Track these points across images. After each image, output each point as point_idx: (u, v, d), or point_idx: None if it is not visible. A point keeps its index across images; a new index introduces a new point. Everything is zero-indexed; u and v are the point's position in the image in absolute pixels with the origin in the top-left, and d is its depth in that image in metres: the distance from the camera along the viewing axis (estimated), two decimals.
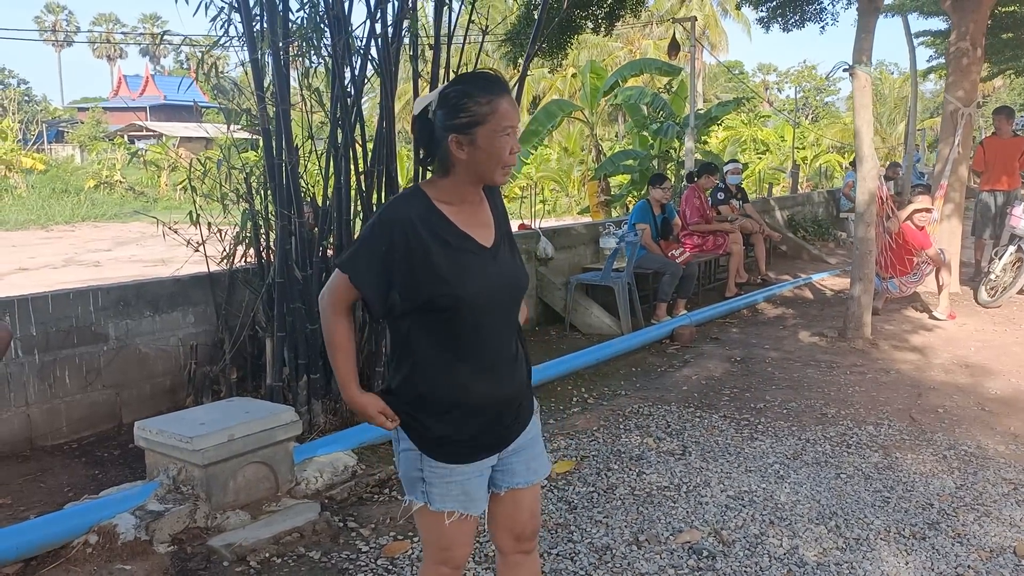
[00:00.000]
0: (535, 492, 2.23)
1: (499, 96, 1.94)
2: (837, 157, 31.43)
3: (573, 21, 9.05)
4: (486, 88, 1.94)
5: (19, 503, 3.67)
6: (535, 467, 2.19)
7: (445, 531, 2.08)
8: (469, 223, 2.03)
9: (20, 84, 61.92)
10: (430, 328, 1.99)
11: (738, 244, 9.02)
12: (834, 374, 5.82)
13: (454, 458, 2.04)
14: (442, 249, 1.96)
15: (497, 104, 1.93)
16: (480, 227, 2.05)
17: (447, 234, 1.98)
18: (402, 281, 1.95)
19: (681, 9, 35.60)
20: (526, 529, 2.23)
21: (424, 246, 1.95)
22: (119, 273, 11.67)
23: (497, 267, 2.04)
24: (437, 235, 1.97)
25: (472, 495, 2.08)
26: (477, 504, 2.10)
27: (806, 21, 11.01)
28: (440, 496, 2.05)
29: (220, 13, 4.40)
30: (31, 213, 23.74)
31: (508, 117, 1.95)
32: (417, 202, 2.00)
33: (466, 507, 2.07)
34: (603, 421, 4.81)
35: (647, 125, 14.23)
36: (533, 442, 2.20)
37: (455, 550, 2.13)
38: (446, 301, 1.95)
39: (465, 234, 2.01)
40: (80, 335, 4.46)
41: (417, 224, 1.96)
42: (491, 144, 1.93)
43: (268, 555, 3.18)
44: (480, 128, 1.92)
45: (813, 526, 3.44)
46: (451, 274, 1.96)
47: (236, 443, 3.45)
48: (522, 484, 2.17)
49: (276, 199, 4.49)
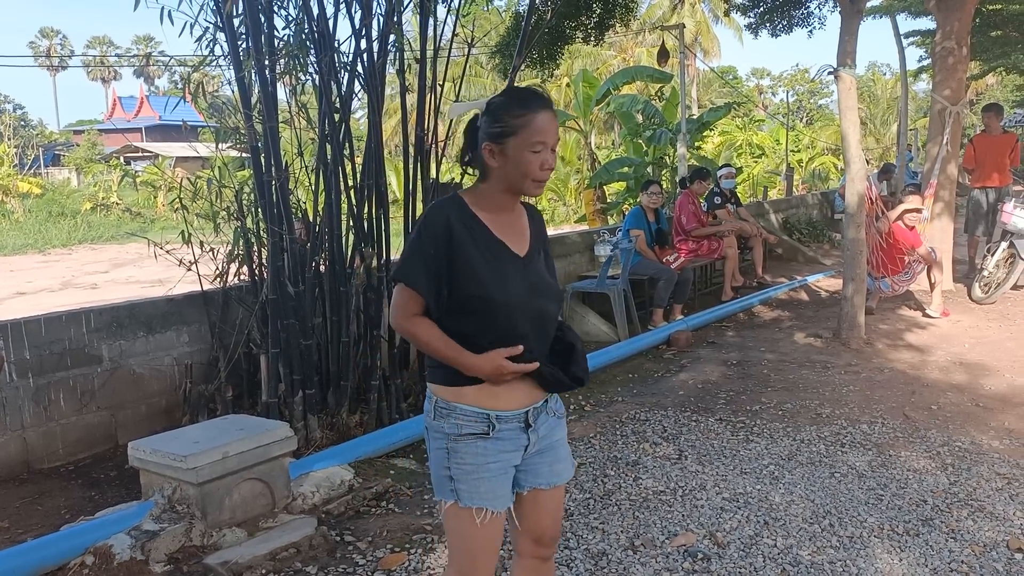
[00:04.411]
0: (558, 496, 2.27)
1: (534, 111, 2.01)
2: (832, 159, 31.53)
3: (563, 31, 9.11)
4: (522, 102, 2.03)
5: (16, 526, 3.68)
6: (558, 469, 2.23)
7: (473, 534, 2.10)
8: (504, 231, 2.10)
9: (16, 109, 62.15)
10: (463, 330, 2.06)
11: (733, 248, 9.05)
12: (829, 374, 5.83)
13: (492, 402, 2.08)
14: (478, 252, 2.05)
15: (531, 119, 2.00)
16: (515, 236, 2.13)
17: (483, 238, 2.07)
18: (448, 278, 2.04)
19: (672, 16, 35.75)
20: (547, 533, 2.27)
21: (463, 247, 2.04)
22: (117, 295, 11.70)
23: (529, 277, 2.10)
24: (474, 239, 2.06)
25: (496, 491, 2.11)
26: (502, 500, 2.12)
27: (794, 26, 11.08)
28: (469, 493, 2.09)
29: (205, 33, 4.44)
30: (28, 237, 23.80)
31: (540, 133, 2.01)
32: (455, 207, 2.09)
33: (492, 503, 2.10)
34: (600, 428, 4.82)
35: (641, 132, 14.28)
36: (558, 444, 2.24)
37: (480, 559, 2.13)
38: (477, 304, 2.03)
39: (500, 241, 2.09)
40: (74, 357, 4.48)
41: (456, 226, 2.05)
42: (520, 156, 2.01)
43: (265, 571, 3.19)
44: (512, 139, 2.00)
45: (807, 525, 3.45)
46: (486, 277, 2.04)
47: (231, 460, 3.46)
48: (544, 485, 2.21)
49: (267, 216, 4.51)
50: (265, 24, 4.38)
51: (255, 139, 4.44)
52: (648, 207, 8.00)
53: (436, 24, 4.99)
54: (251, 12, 4.26)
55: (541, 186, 2.07)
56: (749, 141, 30.91)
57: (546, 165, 2.04)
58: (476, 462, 2.09)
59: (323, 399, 4.68)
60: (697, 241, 8.91)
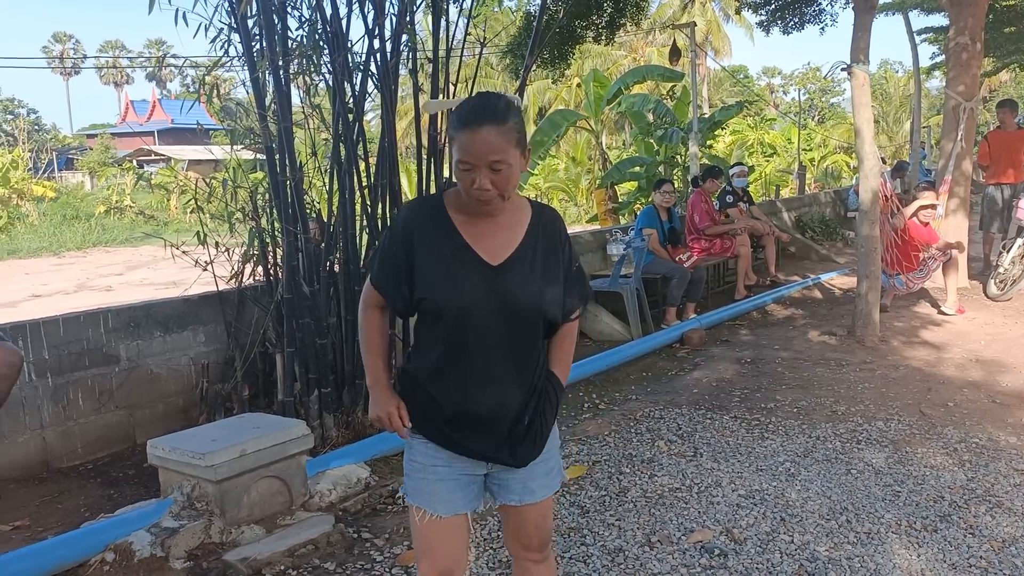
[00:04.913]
0: (539, 509, 2.17)
1: (462, 129, 1.87)
2: (844, 157, 31.41)
3: (574, 31, 9.12)
4: (458, 116, 1.90)
5: (37, 524, 3.71)
6: (532, 487, 2.13)
7: (419, 530, 2.11)
8: (478, 237, 2.00)
9: (30, 113, 62.67)
10: (424, 328, 2.07)
11: (746, 247, 9.03)
12: (844, 372, 5.81)
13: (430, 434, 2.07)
14: (436, 255, 1.99)
15: (459, 136, 1.88)
16: (491, 243, 2.01)
17: (446, 243, 1.99)
18: (407, 278, 2.01)
19: (683, 15, 35.69)
20: (532, 541, 2.22)
21: (421, 248, 1.99)
22: (131, 297, 11.77)
23: (499, 286, 1.98)
24: (435, 242, 1.99)
25: (439, 495, 2.07)
26: (443, 506, 2.07)
27: (806, 23, 11.06)
28: (412, 491, 2.11)
29: (219, 34, 4.47)
30: (43, 240, 23.95)
31: (464, 152, 1.87)
32: (428, 207, 2.05)
33: (432, 506, 2.07)
34: (614, 426, 4.83)
35: (652, 132, 14.26)
36: (534, 465, 2.12)
37: (434, 553, 2.10)
38: (428, 307, 2.00)
39: (466, 246, 1.99)
40: (92, 357, 4.52)
41: (417, 229, 2.01)
42: (456, 170, 1.92)
43: (283, 568, 3.21)
44: (452, 151, 1.93)
45: (824, 522, 3.45)
46: (436, 282, 1.98)
47: (248, 458, 3.48)
48: (515, 502, 2.13)
49: (281, 216, 4.54)
50: (279, 25, 4.41)
51: (270, 140, 4.47)
52: (661, 206, 7.99)
53: (448, 24, 5.01)
54: (265, 13, 4.29)
55: (484, 205, 1.93)
56: (760, 140, 30.84)
57: (475, 186, 1.88)
58: (424, 462, 2.08)
59: (338, 398, 4.70)
60: (710, 240, 8.90)
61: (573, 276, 2.12)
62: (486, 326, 1.98)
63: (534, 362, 2.07)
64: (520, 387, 2.04)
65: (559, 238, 2.10)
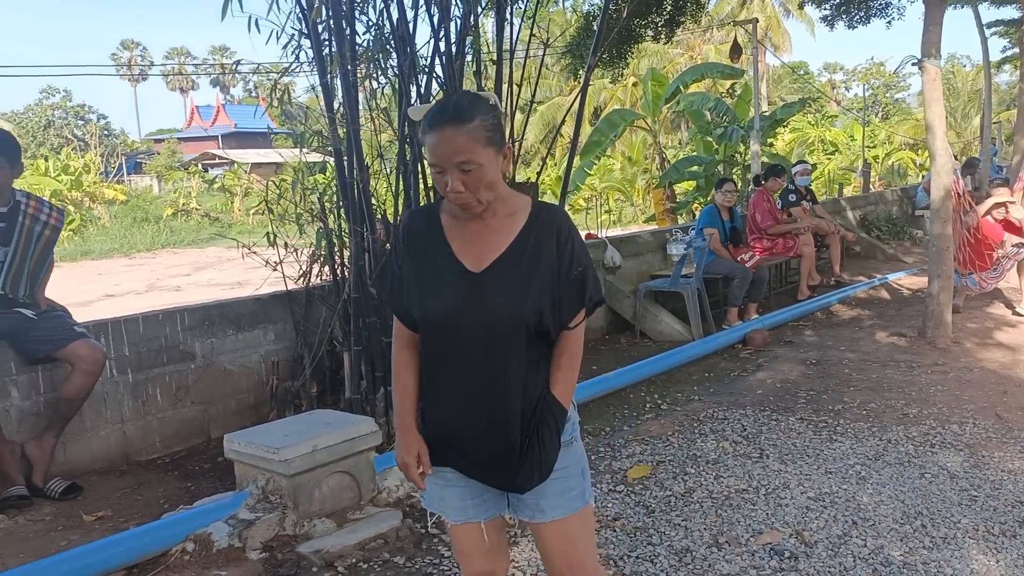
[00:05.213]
0: (559, 530, 2.03)
1: (429, 130, 1.84)
2: (910, 155, 30.61)
3: (633, 30, 9.08)
4: (426, 118, 1.86)
5: (119, 515, 3.85)
6: (543, 506, 2.01)
7: (451, 532, 2.14)
8: (468, 243, 1.94)
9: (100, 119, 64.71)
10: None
11: (809, 246, 8.88)
12: (915, 374, 5.68)
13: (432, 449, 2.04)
14: (419, 265, 1.97)
15: (427, 138, 1.85)
16: (477, 248, 1.94)
17: (433, 251, 1.96)
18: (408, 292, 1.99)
19: (742, 12, 35.19)
20: (555, 565, 2.09)
21: (413, 257, 1.98)
22: (199, 297, 12.10)
23: (479, 293, 1.90)
24: (424, 251, 1.97)
25: (449, 502, 2.07)
26: (454, 512, 2.07)
27: (871, 17, 10.79)
28: (428, 495, 2.11)
29: (291, 40, 4.58)
30: (114, 242, 24.76)
31: (432, 154, 1.84)
32: (424, 216, 2.02)
33: (443, 512, 2.08)
34: (677, 426, 4.80)
35: (711, 130, 14.12)
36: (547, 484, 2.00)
37: (468, 556, 2.13)
38: (412, 316, 1.98)
39: (450, 254, 1.94)
40: (169, 354, 4.67)
41: (410, 238, 2.00)
42: (431, 172, 1.90)
43: (355, 561, 3.28)
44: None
45: (898, 526, 3.38)
46: (419, 291, 1.95)
47: (320, 453, 3.56)
48: (527, 518, 2.05)
49: (349, 217, 4.63)
50: (348, 29, 4.50)
51: (338, 142, 4.56)
52: (722, 205, 7.91)
53: (512, 26, 5.05)
54: (335, 18, 4.38)
55: (463, 209, 1.88)
56: (822, 137, 30.24)
57: (448, 188, 1.83)
58: (438, 463, 2.05)
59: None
60: (772, 239, 8.78)
61: (573, 280, 1.93)
62: (466, 337, 1.90)
63: (523, 378, 1.92)
64: (510, 406, 1.91)
65: (557, 239, 1.93)
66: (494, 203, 1.91)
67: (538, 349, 1.95)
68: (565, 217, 1.99)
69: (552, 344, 1.98)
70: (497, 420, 1.92)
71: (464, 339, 1.91)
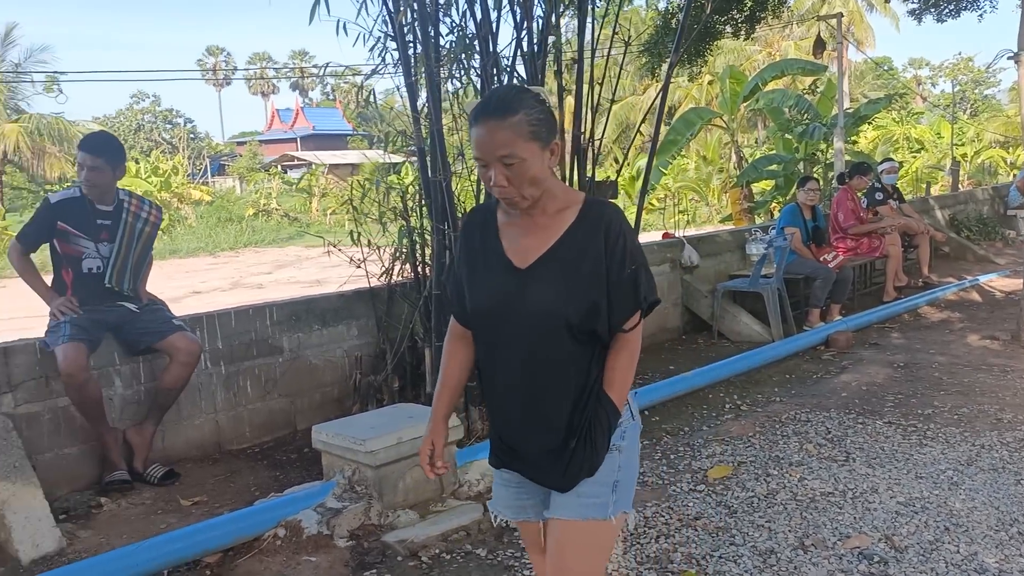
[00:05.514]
0: (564, 531, 1.95)
1: (472, 124, 1.83)
2: (1001, 152, 29.38)
3: (712, 27, 8.97)
4: (473, 112, 1.85)
5: (213, 500, 4.02)
6: (560, 502, 1.96)
7: (520, 529, 2.19)
8: (515, 238, 1.94)
9: (186, 123, 67.16)
10: None
11: (895, 246, 8.62)
12: (1009, 378, 5.47)
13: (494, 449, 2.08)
14: (473, 261, 1.98)
15: (471, 132, 1.84)
16: (525, 244, 1.92)
17: (486, 248, 1.96)
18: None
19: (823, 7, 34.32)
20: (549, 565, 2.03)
21: (469, 254, 2.00)
22: (281, 294, 12.44)
23: (520, 291, 1.88)
24: (477, 247, 1.98)
25: (503, 499, 2.11)
26: (508, 510, 2.12)
27: (961, 10, 10.41)
28: (494, 494, 2.16)
29: (377, 42, 4.69)
30: (200, 241, 25.69)
31: (475, 147, 1.82)
32: (482, 213, 2.03)
33: (499, 509, 2.13)
34: (759, 427, 4.74)
35: (791, 128, 13.83)
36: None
37: (534, 551, 2.20)
38: (465, 313, 2.02)
39: (500, 250, 1.93)
40: (259, 347, 4.83)
41: (467, 234, 2.02)
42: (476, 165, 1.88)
43: (438, 551, 3.34)
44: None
45: (992, 532, 3.27)
46: (469, 287, 1.98)
47: (404, 446, 3.64)
48: (548, 515, 2.02)
49: (432, 215, 4.71)
50: (432, 31, 4.58)
51: (421, 141, 4.65)
52: (804, 204, 7.75)
53: (594, 25, 5.05)
54: (420, 20, 4.47)
55: (509, 204, 1.88)
56: (907, 135, 29.29)
57: (491, 183, 1.82)
58: (493, 464, 2.10)
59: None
60: (856, 239, 8.55)
61: (625, 280, 1.87)
62: (511, 334, 1.90)
63: (570, 378, 1.88)
64: (555, 404, 1.89)
65: (605, 237, 1.87)
66: (542, 199, 1.89)
67: (589, 348, 1.90)
68: (616, 214, 1.92)
69: (607, 345, 1.93)
70: (543, 418, 1.91)
71: (509, 336, 1.90)
